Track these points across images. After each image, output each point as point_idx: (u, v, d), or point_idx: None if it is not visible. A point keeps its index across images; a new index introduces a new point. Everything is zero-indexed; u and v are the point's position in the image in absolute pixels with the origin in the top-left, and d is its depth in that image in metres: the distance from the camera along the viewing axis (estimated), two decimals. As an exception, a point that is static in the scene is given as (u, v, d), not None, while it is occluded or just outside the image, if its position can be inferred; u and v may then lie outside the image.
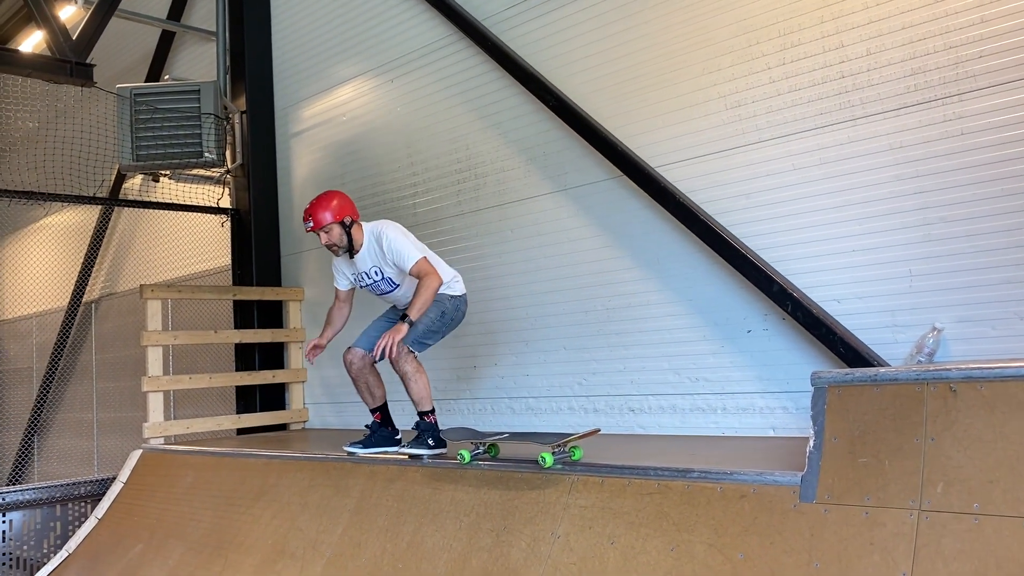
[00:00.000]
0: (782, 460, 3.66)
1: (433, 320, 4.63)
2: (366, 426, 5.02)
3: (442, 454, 4.56)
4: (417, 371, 4.57)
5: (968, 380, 2.97)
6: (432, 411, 4.67)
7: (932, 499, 2.88)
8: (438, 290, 4.57)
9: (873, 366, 4.03)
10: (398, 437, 4.97)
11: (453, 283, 4.79)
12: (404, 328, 4.45)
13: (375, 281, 4.84)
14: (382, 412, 5.01)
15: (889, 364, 4.13)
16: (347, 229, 4.70)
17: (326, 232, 4.69)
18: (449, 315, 4.73)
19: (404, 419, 5.25)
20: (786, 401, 4.65)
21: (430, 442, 4.57)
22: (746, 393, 4.82)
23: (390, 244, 4.63)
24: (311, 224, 4.70)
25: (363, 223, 4.83)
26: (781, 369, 4.67)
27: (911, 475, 2.96)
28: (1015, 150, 3.91)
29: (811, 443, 3.26)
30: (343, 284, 5.03)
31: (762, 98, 4.75)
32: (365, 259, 4.79)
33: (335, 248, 4.76)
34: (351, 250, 4.77)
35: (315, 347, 4.94)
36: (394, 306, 5.08)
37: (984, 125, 4.00)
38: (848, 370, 3.43)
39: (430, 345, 4.71)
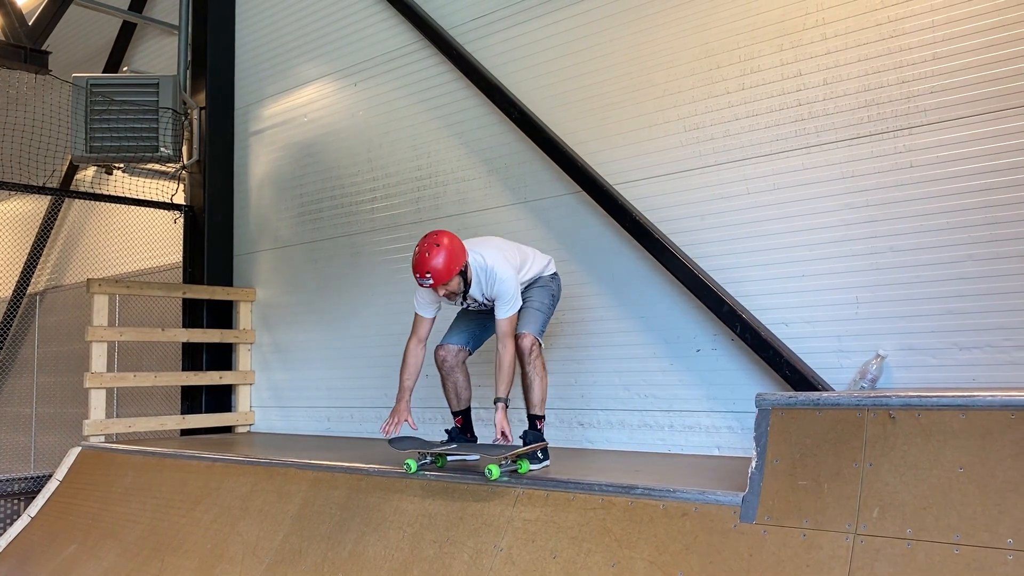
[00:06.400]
0: (725, 480, 3.70)
1: (548, 307, 4.49)
2: (446, 431, 4.71)
3: (547, 467, 4.27)
4: (544, 369, 4.31)
5: (907, 408, 3.04)
6: (543, 418, 4.38)
7: (868, 523, 2.93)
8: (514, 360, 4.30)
9: (817, 390, 4.10)
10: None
11: (549, 265, 4.66)
12: (504, 411, 4.23)
13: (482, 303, 4.45)
14: (464, 417, 4.68)
15: (834, 388, 4.21)
16: (464, 275, 4.22)
17: (446, 286, 4.18)
18: (556, 296, 4.59)
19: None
20: (732, 421, 4.71)
21: (539, 455, 4.27)
22: (693, 411, 4.86)
23: (500, 287, 4.25)
24: (431, 281, 4.12)
25: (467, 249, 4.30)
26: (728, 389, 4.73)
27: (849, 499, 3.01)
28: (960, 185, 4.02)
29: (753, 464, 3.30)
30: (430, 311, 4.50)
31: (720, 121, 4.82)
32: (475, 291, 4.37)
33: (453, 296, 4.29)
34: (466, 291, 4.31)
35: (400, 421, 4.41)
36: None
37: (932, 159, 4.11)
38: (792, 393, 3.48)
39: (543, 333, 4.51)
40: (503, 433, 4.22)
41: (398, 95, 6.60)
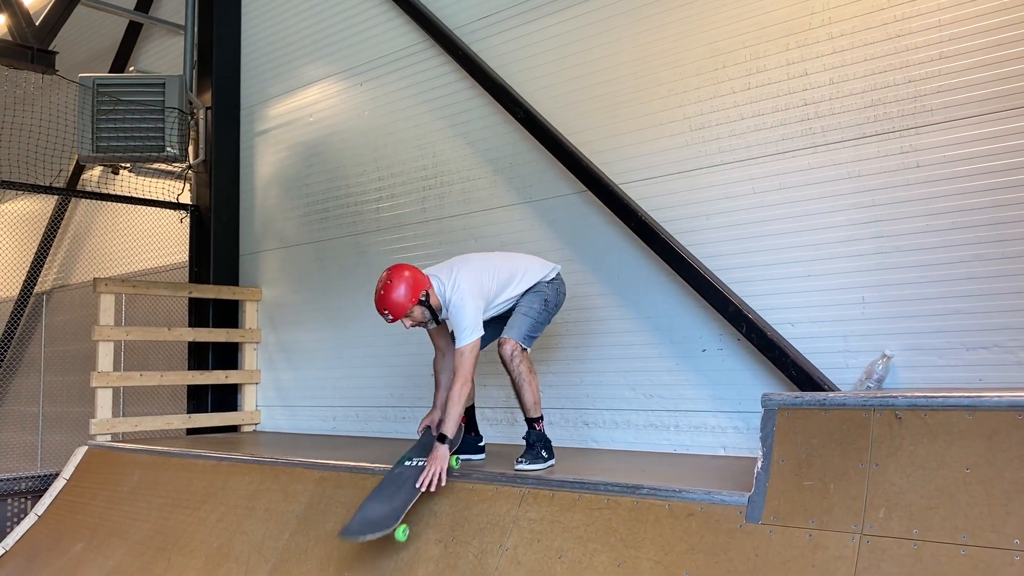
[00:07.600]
0: (731, 480, 3.69)
1: (539, 311, 4.41)
2: None
3: (553, 467, 4.27)
4: (531, 372, 4.31)
5: (913, 408, 3.03)
6: (541, 418, 4.38)
7: (874, 524, 2.93)
8: (466, 396, 4.17)
9: (823, 390, 4.10)
10: (481, 444, 4.73)
11: (549, 273, 4.55)
12: (445, 452, 4.06)
13: None
14: (467, 416, 4.63)
15: (840, 388, 4.20)
16: (426, 304, 4.24)
17: (408, 317, 4.24)
18: (552, 301, 4.50)
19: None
20: (738, 421, 4.70)
21: (544, 454, 4.28)
22: (699, 411, 4.86)
23: (453, 315, 4.25)
24: (390, 317, 4.21)
25: (429, 276, 4.33)
26: (734, 389, 4.72)
27: (855, 499, 3.01)
28: (967, 184, 4.01)
29: (759, 464, 3.30)
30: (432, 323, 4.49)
31: (726, 121, 4.82)
32: (446, 315, 4.40)
33: (423, 324, 4.34)
34: (436, 316, 4.34)
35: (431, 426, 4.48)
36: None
37: (939, 159, 4.10)
38: (798, 393, 3.48)
39: (537, 338, 4.46)
40: (433, 477, 3.99)
41: (403, 95, 6.61)
